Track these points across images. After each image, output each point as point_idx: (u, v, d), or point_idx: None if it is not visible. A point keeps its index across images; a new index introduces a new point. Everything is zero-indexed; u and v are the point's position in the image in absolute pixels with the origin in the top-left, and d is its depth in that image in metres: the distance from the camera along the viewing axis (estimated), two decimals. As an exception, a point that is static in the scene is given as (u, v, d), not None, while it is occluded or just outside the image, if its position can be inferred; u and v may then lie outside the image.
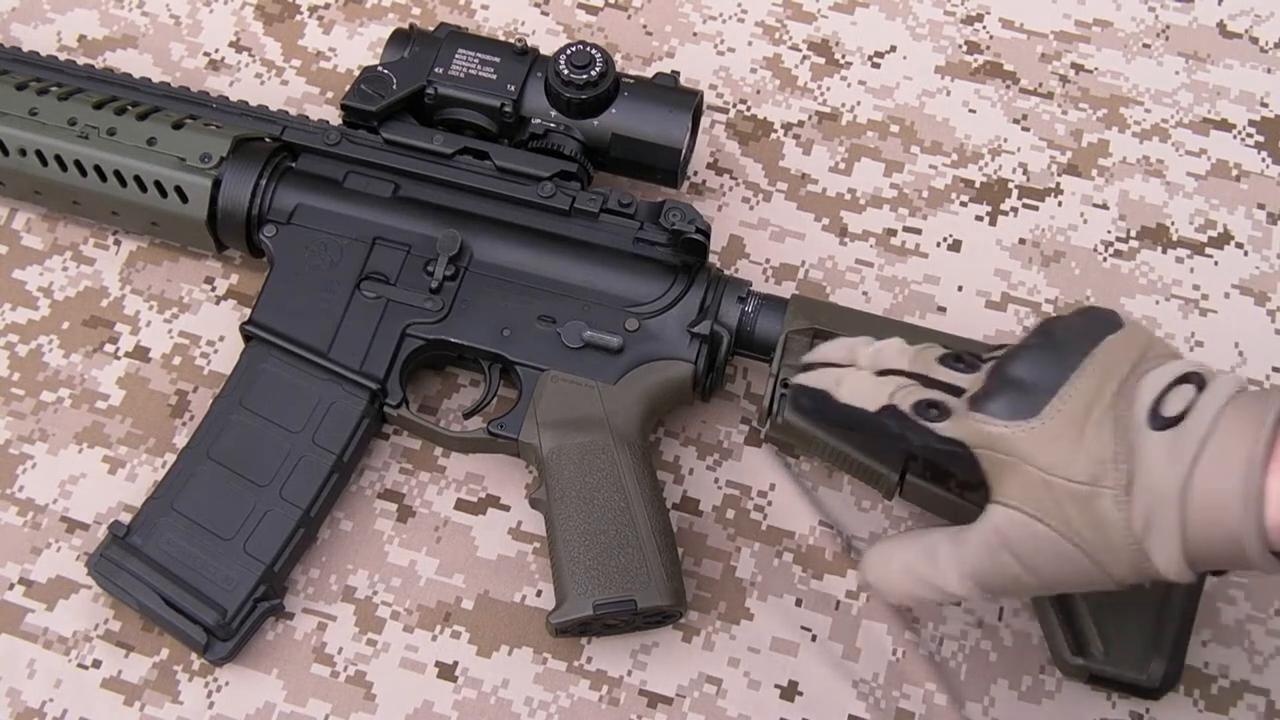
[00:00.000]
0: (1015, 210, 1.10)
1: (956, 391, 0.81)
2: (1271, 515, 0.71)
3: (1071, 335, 0.78)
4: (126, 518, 0.95)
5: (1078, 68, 1.16)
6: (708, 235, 0.96)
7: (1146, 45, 1.17)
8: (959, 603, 0.96)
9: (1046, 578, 0.78)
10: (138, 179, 0.99)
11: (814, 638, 0.95)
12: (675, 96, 1.00)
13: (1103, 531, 0.75)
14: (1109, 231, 1.09)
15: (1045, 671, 0.94)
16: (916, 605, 0.92)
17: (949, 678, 0.94)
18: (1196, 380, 0.75)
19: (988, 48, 1.17)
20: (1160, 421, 0.74)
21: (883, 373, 0.85)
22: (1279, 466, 0.70)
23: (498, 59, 1.00)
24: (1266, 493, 0.70)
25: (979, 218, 1.10)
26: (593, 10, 1.18)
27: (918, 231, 1.09)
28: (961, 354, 0.84)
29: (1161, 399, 0.74)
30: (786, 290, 1.06)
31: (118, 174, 0.99)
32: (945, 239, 1.09)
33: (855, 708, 0.93)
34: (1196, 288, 1.07)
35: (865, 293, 1.07)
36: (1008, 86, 1.15)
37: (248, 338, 0.98)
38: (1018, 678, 0.94)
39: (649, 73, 1.10)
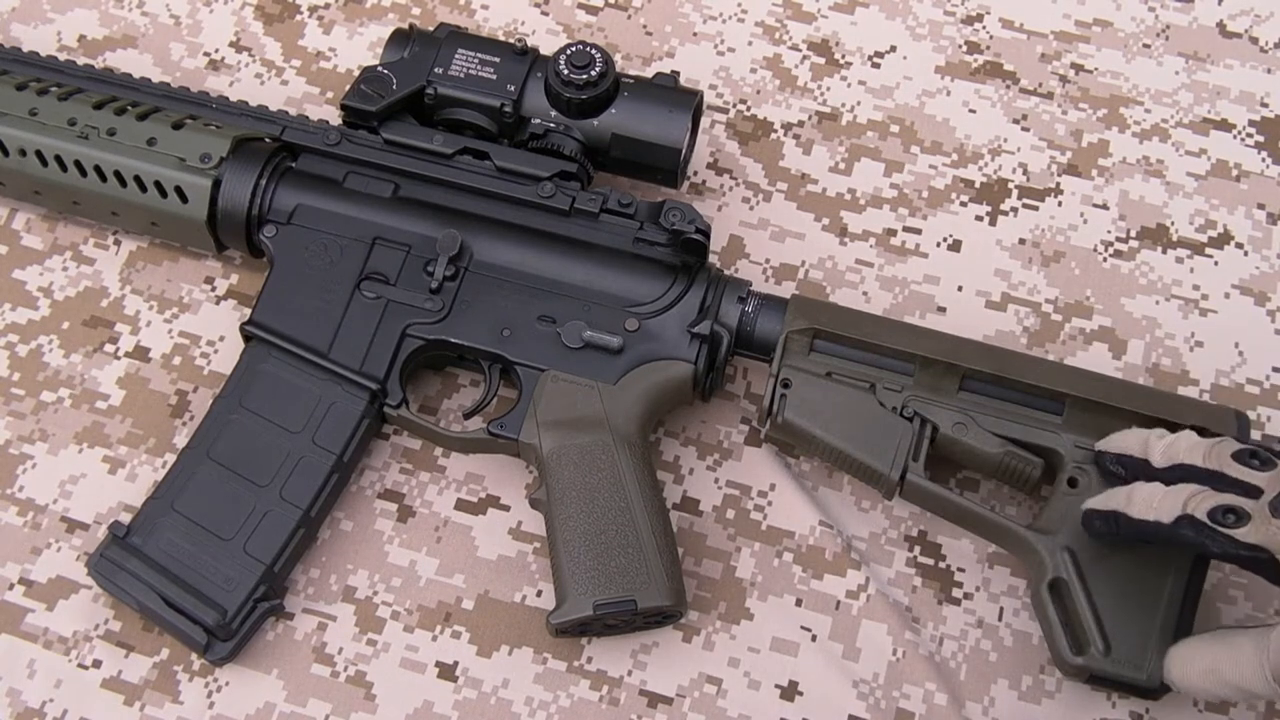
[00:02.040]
0: (1015, 210, 1.10)
1: (1253, 492, 0.81)
2: None
3: None
4: (126, 518, 0.95)
5: (1078, 68, 1.15)
6: (708, 235, 0.96)
7: (1146, 45, 1.17)
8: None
9: None
10: (138, 179, 0.99)
11: (814, 638, 0.95)
12: (675, 96, 1.00)
13: None
14: (1109, 231, 1.09)
15: (1045, 671, 0.94)
16: (1218, 702, 0.93)
17: (949, 678, 0.94)
18: None
19: (988, 48, 1.17)
20: None
21: (1172, 470, 0.85)
22: None
23: (498, 59, 1.00)
24: None
25: (979, 218, 1.10)
26: (593, 10, 1.18)
27: (918, 231, 1.09)
28: (1258, 450, 0.84)
29: None
30: (786, 290, 1.06)
31: (118, 174, 0.99)
32: (945, 239, 1.09)
33: (855, 708, 0.93)
34: (1196, 288, 1.07)
35: (865, 293, 1.07)
36: (1008, 86, 1.15)
37: (248, 338, 0.98)
38: (1018, 677, 0.94)
39: (649, 73, 1.10)
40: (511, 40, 1.03)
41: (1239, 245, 1.09)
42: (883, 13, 1.18)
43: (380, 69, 1.00)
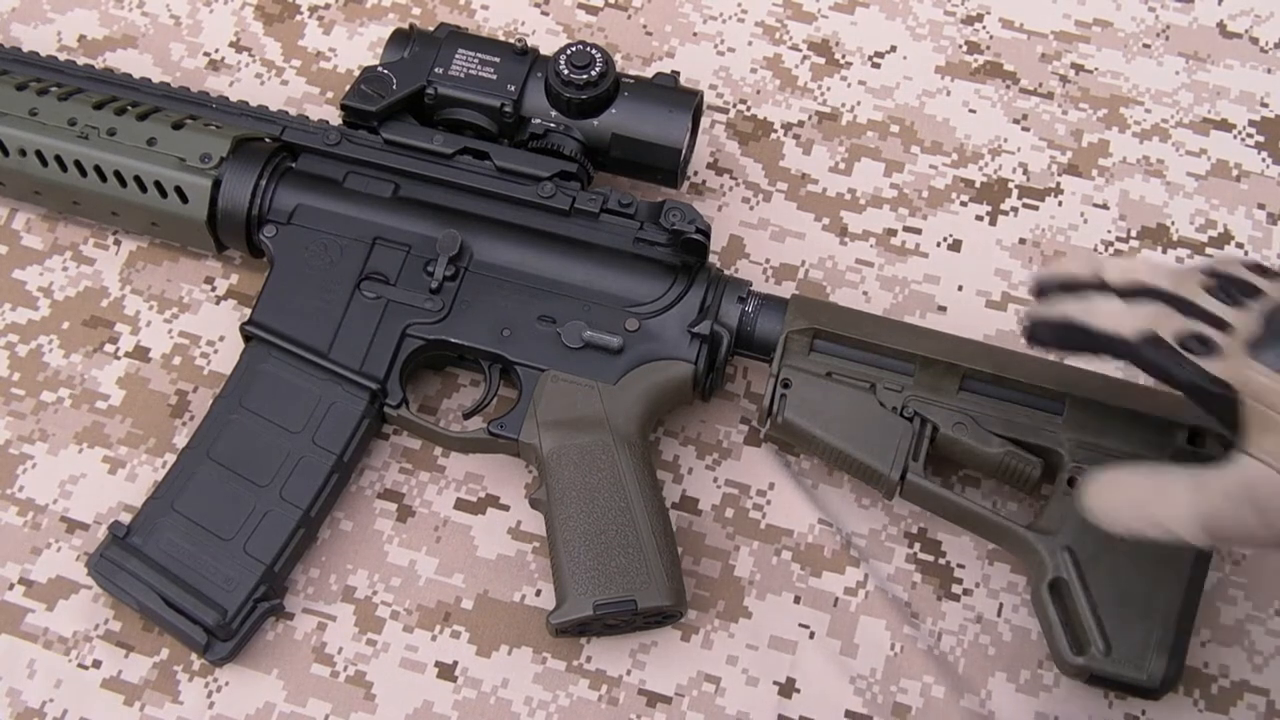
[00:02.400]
0: (1015, 210, 1.10)
1: (1222, 326, 0.77)
2: None
3: None
4: (126, 518, 0.95)
5: (1078, 68, 1.15)
6: (708, 235, 0.96)
7: (1146, 45, 1.17)
8: (1178, 542, 0.89)
9: None
10: (138, 179, 0.99)
11: (812, 635, 0.95)
12: (675, 96, 1.00)
13: None
14: (1109, 231, 1.09)
15: (1044, 666, 0.94)
16: (1132, 536, 0.83)
17: (948, 670, 0.94)
18: None
19: (988, 48, 1.17)
20: None
21: (1131, 292, 0.80)
22: None
23: (498, 59, 1.00)
24: None
25: (979, 217, 1.10)
26: (593, 10, 1.18)
27: (918, 231, 1.09)
28: (1229, 285, 0.79)
29: None
30: (786, 290, 1.06)
31: (118, 174, 0.99)
32: (945, 239, 1.09)
33: (852, 703, 0.93)
34: (1197, 287, 1.07)
35: (865, 293, 1.07)
36: (1008, 86, 1.15)
37: (248, 338, 0.98)
38: (1016, 672, 0.94)
39: (649, 73, 1.10)
40: (511, 40, 1.03)
41: (1239, 245, 1.08)
42: (883, 13, 1.18)
43: (380, 69, 1.00)
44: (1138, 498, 0.79)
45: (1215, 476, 0.77)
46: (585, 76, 0.98)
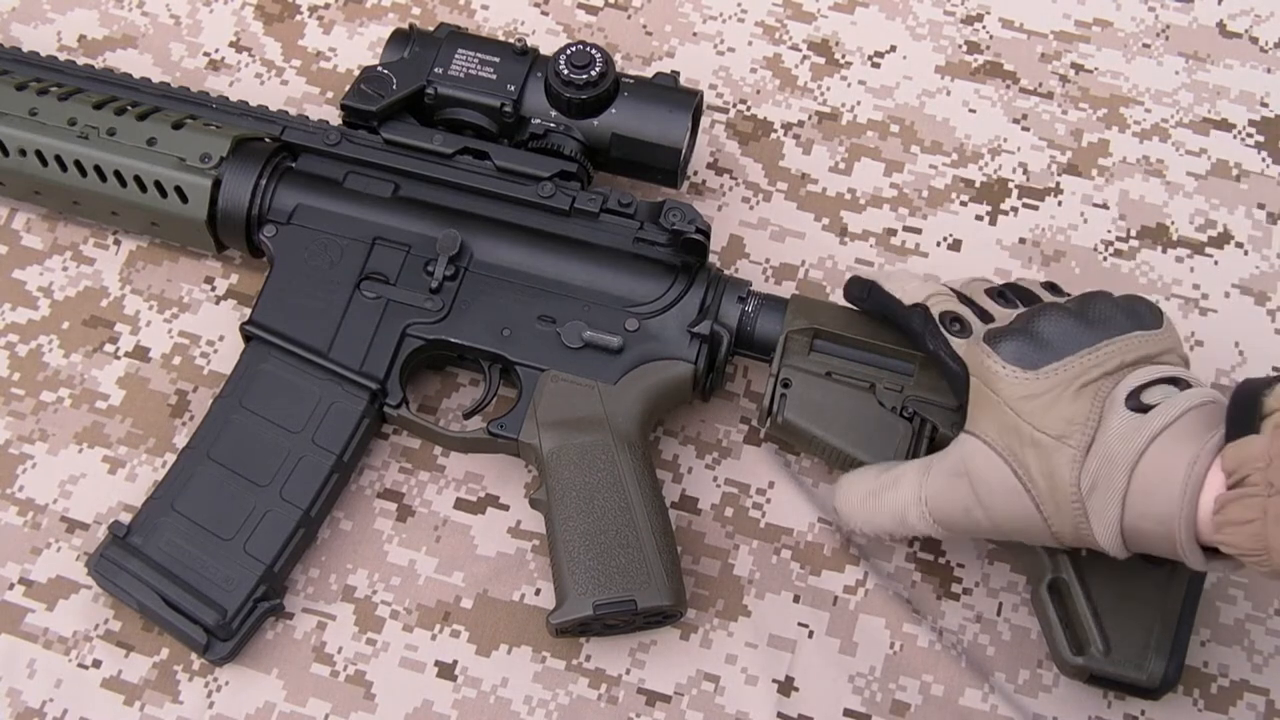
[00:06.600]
0: (1015, 210, 1.10)
1: (987, 318, 0.87)
2: (1203, 507, 0.75)
3: (1105, 318, 0.83)
4: (126, 518, 0.95)
5: (1078, 68, 1.15)
6: (708, 235, 0.97)
7: (1146, 45, 1.17)
8: (914, 539, 0.97)
9: (995, 516, 0.84)
10: (138, 179, 0.99)
11: (811, 633, 0.95)
12: (675, 96, 1.00)
13: (1053, 483, 0.80)
14: (1109, 231, 1.09)
15: (1043, 666, 0.94)
16: (876, 535, 0.94)
17: (947, 666, 0.94)
18: (1181, 384, 0.80)
19: (988, 48, 1.17)
20: (1135, 404, 0.78)
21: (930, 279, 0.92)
22: (1217, 470, 0.76)
23: (498, 59, 1.00)
24: (1204, 485, 0.75)
25: (979, 217, 1.10)
26: (593, 10, 1.18)
27: (918, 231, 1.09)
28: (1006, 290, 0.90)
29: (1144, 389, 0.79)
30: (786, 290, 1.06)
31: (118, 174, 0.99)
32: (945, 238, 1.09)
33: (851, 701, 0.93)
34: (1196, 287, 1.07)
35: (865, 292, 1.07)
36: (1008, 86, 1.15)
37: (248, 338, 0.98)
38: (1015, 672, 0.94)
39: (649, 73, 1.10)
40: (511, 40, 1.03)
41: (1239, 245, 1.09)
42: (883, 13, 1.18)
43: (380, 69, 1.01)
44: (875, 490, 0.88)
45: (940, 458, 0.86)
46: (585, 76, 0.98)
